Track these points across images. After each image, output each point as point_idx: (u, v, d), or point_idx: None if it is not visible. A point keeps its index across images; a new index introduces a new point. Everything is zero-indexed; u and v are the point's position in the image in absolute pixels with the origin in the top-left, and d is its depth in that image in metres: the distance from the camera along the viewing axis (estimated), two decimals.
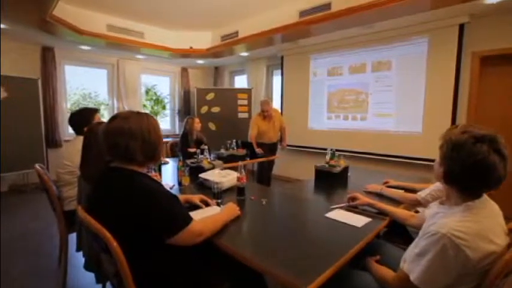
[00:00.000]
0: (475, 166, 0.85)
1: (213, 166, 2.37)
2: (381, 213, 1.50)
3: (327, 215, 1.48)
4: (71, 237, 1.98)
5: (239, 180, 1.72)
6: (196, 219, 1.12)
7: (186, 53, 5.11)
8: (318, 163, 2.29)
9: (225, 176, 1.97)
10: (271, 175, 4.39)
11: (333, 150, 2.27)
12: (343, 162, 2.29)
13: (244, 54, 5.21)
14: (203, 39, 5.02)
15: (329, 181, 2.16)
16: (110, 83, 5.49)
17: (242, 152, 3.50)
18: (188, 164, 2.32)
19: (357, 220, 1.41)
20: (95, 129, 1.63)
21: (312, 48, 4.65)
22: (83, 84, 5.41)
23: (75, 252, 1.98)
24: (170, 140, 4.24)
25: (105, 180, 1.11)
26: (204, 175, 2.03)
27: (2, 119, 3.79)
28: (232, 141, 3.48)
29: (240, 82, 6.39)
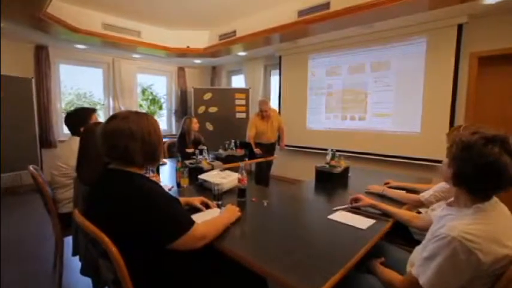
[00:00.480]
0: (487, 167, 0.84)
1: (212, 167, 2.33)
2: (384, 214, 1.48)
3: (330, 216, 1.46)
4: (66, 240, 1.93)
5: (240, 181, 1.69)
6: (198, 222, 1.09)
7: (183, 53, 5.06)
8: (316, 163, 2.27)
9: (224, 177, 1.94)
10: (269, 175, 4.37)
11: (333, 150, 2.25)
12: (343, 163, 2.28)
13: (242, 53, 5.17)
14: (200, 39, 4.98)
15: (330, 182, 2.14)
16: (106, 82, 5.41)
17: (241, 152, 3.43)
18: (187, 165, 2.28)
19: (361, 222, 1.39)
20: (92, 129, 1.58)
21: (310, 48, 4.63)
22: (78, 84, 5.32)
23: (71, 256, 1.93)
24: (167, 140, 4.18)
25: (103, 182, 1.07)
26: (203, 176, 1.99)
27: None
28: (231, 142, 3.43)
29: (238, 82, 6.35)
